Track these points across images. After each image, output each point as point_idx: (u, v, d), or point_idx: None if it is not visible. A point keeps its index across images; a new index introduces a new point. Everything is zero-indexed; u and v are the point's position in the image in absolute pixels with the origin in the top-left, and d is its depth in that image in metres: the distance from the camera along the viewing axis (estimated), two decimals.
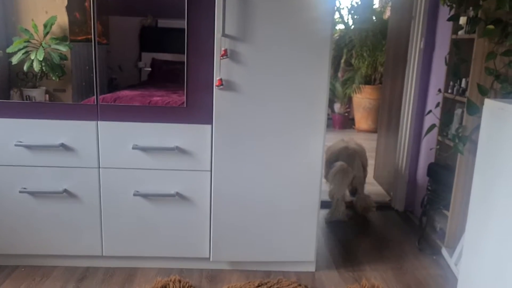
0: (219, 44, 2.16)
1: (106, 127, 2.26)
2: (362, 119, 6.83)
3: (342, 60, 7.18)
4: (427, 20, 3.26)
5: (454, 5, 2.77)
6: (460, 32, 2.77)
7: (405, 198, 3.62)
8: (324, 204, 3.12)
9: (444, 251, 2.80)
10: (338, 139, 3.77)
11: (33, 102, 2.33)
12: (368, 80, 6.69)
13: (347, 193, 3.68)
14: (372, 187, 4.19)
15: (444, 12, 3.01)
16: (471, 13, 2.63)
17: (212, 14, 2.14)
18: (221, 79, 2.19)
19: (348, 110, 7.10)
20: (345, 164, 3.34)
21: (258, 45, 2.18)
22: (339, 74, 7.22)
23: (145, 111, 2.28)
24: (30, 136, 2.26)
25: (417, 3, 3.32)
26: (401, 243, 3.03)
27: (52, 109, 2.27)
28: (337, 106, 7.26)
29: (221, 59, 2.17)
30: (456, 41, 2.79)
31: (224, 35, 2.14)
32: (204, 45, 2.20)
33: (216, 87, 2.20)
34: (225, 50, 2.15)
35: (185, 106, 2.27)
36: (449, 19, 2.78)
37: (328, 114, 7.14)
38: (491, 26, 2.46)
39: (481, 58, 2.56)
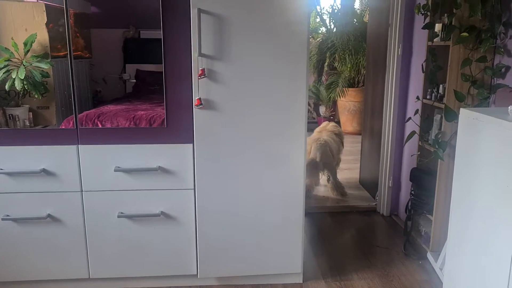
0: (196, 64, 2.17)
1: (87, 150, 2.26)
2: (347, 122, 6.87)
3: (326, 64, 7.23)
4: (404, 27, 3.30)
5: (428, 13, 2.81)
6: (436, 39, 2.80)
7: (390, 203, 3.66)
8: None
9: (429, 256, 2.84)
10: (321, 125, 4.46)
11: (13, 129, 2.31)
12: (351, 83, 6.73)
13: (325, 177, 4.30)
14: (358, 191, 4.23)
15: (420, 19, 3.05)
16: (446, 20, 2.68)
17: (189, 35, 2.15)
18: (200, 99, 2.20)
19: (333, 113, 7.14)
20: (314, 159, 3.93)
21: (235, 62, 2.20)
22: (323, 78, 7.26)
23: (125, 133, 2.28)
24: (11, 163, 2.25)
25: (393, 11, 3.37)
26: (387, 249, 3.06)
27: (31, 135, 2.27)
28: (322, 110, 7.30)
29: (199, 78, 2.18)
30: (432, 48, 2.83)
31: (200, 55, 2.15)
32: (181, 66, 2.21)
33: (196, 107, 2.21)
34: (203, 70, 2.17)
35: (165, 126, 2.27)
36: (424, 27, 2.82)
37: (314, 118, 7.21)
38: (465, 34, 2.51)
39: (457, 64, 2.61)
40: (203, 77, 2.18)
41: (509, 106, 1.86)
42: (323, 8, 7.11)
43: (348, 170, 5.00)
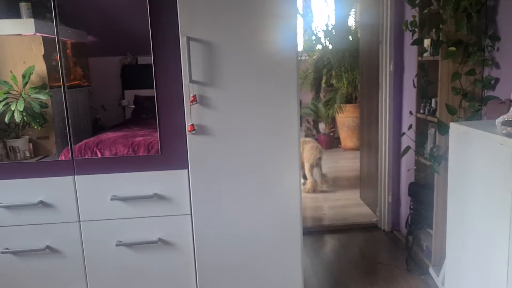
0: (188, 90, 2.20)
1: (83, 181, 2.28)
2: (347, 138, 6.89)
3: (323, 81, 7.28)
4: (394, 44, 3.34)
5: (416, 30, 2.85)
6: (425, 54, 2.84)
7: (391, 218, 3.65)
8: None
9: (431, 270, 2.82)
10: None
11: (9, 163, 2.34)
12: (349, 99, 6.77)
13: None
14: (358, 207, 4.22)
15: (410, 35, 3.09)
16: (434, 36, 2.71)
17: (179, 62, 2.19)
18: (192, 125, 2.22)
19: (333, 129, 7.16)
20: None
21: (226, 88, 2.23)
22: (321, 95, 7.31)
23: (120, 161, 2.30)
24: (9, 197, 2.27)
25: (383, 27, 3.41)
26: (389, 265, 3.04)
27: (28, 168, 2.29)
28: (322, 127, 7.33)
29: (191, 105, 2.21)
30: (422, 64, 2.86)
31: (191, 81, 2.18)
32: (173, 92, 2.24)
33: (189, 133, 2.23)
34: (194, 96, 2.20)
35: (160, 154, 2.30)
36: (413, 43, 2.86)
37: (314, 135, 7.23)
38: (452, 48, 2.54)
39: (447, 78, 2.63)
40: (195, 103, 2.21)
41: (496, 119, 1.87)
42: (317, 27, 7.19)
43: (349, 185, 5.01)
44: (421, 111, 2.95)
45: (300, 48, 7.49)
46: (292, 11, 2.22)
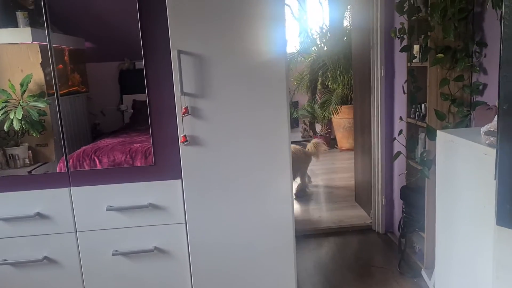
0: (180, 102, 2.24)
1: (79, 192, 2.32)
2: (343, 139, 6.93)
3: (319, 83, 7.32)
4: (385, 49, 3.38)
5: (404, 37, 2.89)
6: (414, 61, 2.88)
7: (385, 220, 3.69)
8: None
9: (424, 273, 2.86)
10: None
11: (5, 176, 2.38)
12: (344, 100, 6.81)
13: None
14: (353, 209, 4.26)
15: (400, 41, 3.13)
16: (422, 42, 2.75)
17: (170, 74, 2.23)
18: (185, 136, 2.27)
19: (329, 131, 7.20)
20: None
21: (217, 98, 2.27)
22: (317, 97, 7.35)
23: (115, 172, 2.34)
24: (6, 209, 2.30)
25: (373, 32, 3.45)
26: (383, 268, 3.09)
27: (24, 180, 2.33)
28: (318, 128, 7.38)
29: (183, 116, 2.25)
30: (411, 69, 2.90)
31: (183, 93, 2.23)
32: (166, 104, 2.28)
33: (181, 144, 2.28)
34: (186, 108, 2.24)
35: (154, 164, 2.34)
36: (401, 50, 2.90)
37: (310, 136, 7.25)
38: (440, 55, 2.58)
39: (435, 84, 2.68)
40: (187, 115, 2.25)
41: (481, 128, 1.90)
42: (312, 29, 7.23)
43: (344, 188, 5.05)
44: (412, 116, 2.99)
45: (295, 49, 7.52)
46: (280, 17, 2.24)
